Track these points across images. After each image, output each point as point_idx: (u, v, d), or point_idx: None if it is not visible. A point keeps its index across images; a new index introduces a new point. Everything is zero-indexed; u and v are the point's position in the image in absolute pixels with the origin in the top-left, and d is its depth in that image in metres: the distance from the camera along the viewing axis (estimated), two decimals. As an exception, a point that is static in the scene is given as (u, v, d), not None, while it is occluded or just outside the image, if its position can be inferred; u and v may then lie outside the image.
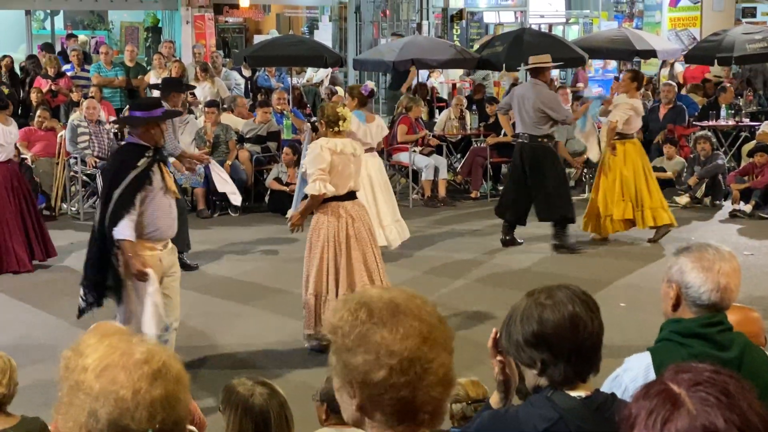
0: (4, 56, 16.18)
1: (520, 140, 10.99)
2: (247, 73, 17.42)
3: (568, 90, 16.54)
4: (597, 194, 11.35)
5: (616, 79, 17.05)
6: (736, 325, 3.38)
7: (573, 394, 2.63)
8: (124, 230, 6.44)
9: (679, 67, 18.41)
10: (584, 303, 2.65)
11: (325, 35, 21.39)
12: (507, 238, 11.17)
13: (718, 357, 3.09)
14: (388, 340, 1.93)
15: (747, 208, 12.80)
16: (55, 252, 10.57)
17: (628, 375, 3.18)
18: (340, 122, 7.49)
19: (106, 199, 6.54)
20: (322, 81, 18.82)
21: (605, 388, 3.14)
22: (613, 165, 11.25)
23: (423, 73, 17.32)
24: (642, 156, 11.42)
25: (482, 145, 14.83)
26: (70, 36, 18.49)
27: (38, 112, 13.69)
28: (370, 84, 12.02)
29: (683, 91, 16.65)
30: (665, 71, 17.92)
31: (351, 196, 7.57)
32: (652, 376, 3.09)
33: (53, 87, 15.09)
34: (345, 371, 1.96)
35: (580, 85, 18.29)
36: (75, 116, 13.18)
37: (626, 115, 11.10)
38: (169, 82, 10.94)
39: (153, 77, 15.72)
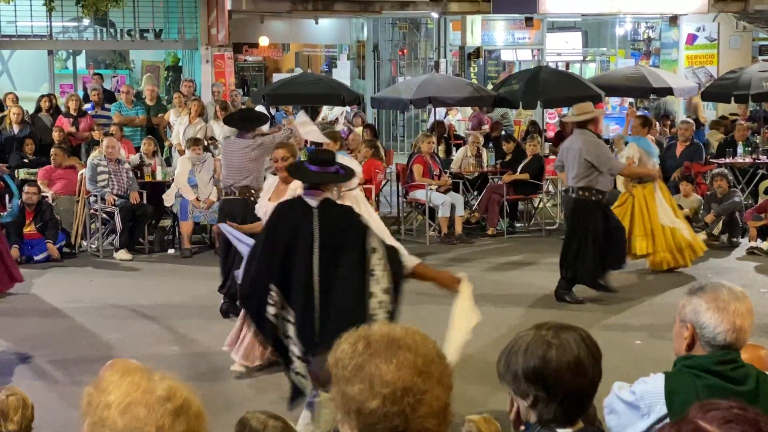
0: (47, 95, 16.49)
1: (567, 194, 10.46)
2: (272, 110, 17.58)
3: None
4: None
5: (631, 105, 17.19)
6: (746, 362, 3.40)
7: (560, 430, 2.64)
8: None
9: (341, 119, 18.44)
10: (589, 349, 2.61)
11: (343, 73, 21.58)
12: (562, 291, 10.41)
13: (733, 390, 3.10)
14: (382, 370, 1.98)
15: (764, 245, 12.78)
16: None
17: (641, 387, 3.23)
18: None
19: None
20: (336, 119, 18.97)
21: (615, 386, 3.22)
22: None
23: (440, 111, 17.46)
24: (654, 196, 11.54)
25: (499, 182, 14.88)
26: (95, 75, 18.76)
27: (52, 150, 13.86)
28: None
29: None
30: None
31: None
32: (662, 404, 3.13)
33: (72, 131, 15.23)
34: (343, 401, 2.02)
35: (485, 127, 18.41)
36: (94, 155, 13.34)
37: (636, 155, 11.33)
38: (250, 116, 10.85)
39: (173, 116, 15.90)
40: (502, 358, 2.69)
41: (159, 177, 13.78)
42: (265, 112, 11.80)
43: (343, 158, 10.71)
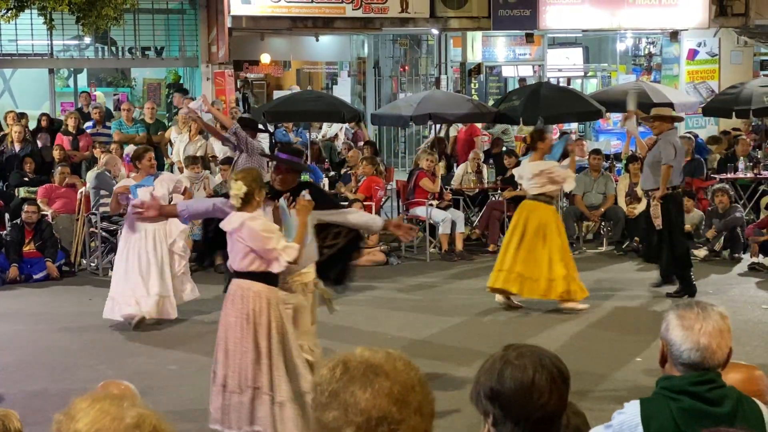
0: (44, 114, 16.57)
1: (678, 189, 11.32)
2: (270, 127, 17.58)
3: (584, 142, 16.59)
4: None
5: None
6: (738, 383, 3.37)
7: None
8: None
9: (454, 130, 18.41)
10: (549, 374, 2.57)
11: (344, 90, 21.59)
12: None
13: (709, 412, 3.10)
14: (357, 398, 1.95)
15: (766, 261, 12.72)
16: None
17: (618, 418, 3.22)
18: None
19: None
20: (336, 135, 18.97)
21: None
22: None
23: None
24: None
25: (499, 198, 14.85)
26: (82, 93, 18.77)
27: (59, 169, 13.87)
28: None
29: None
30: (442, 132, 17.99)
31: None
32: (640, 430, 3.13)
33: (69, 153, 15.24)
34: (318, 428, 1.98)
35: (361, 143, 18.30)
36: (95, 171, 13.30)
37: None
38: (248, 122, 11.19)
39: (174, 133, 15.89)
40: (475, 378, 2.68)
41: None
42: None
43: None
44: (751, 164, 15.75)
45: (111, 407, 1.94)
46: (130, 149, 10.94)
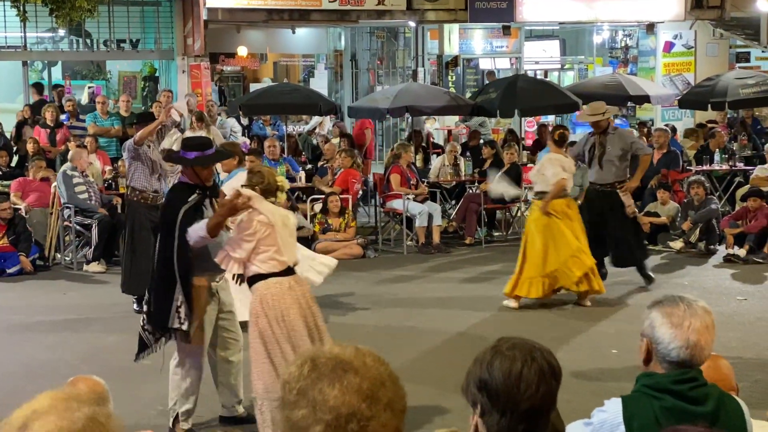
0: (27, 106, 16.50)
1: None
2: (244, 121, 17.51)
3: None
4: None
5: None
6: (705, 373, 3.35)
7: None
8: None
9: (329, 124, 18.42)
10: (539, 367, 2.58)
11: (320, 83, 21.53)
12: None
13: (692, 411, 3.07)
14: (326, 395, 1.91)
15: (741, 252, 12.79)
16: None
17: (599, 416, 3.20)
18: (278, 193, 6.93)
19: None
20: (315, 128, 18.92)
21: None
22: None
23: (418, 120, 17.46)
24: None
25: (476, 191, 14.85)
26: (55, 87, 18.61)
27: (34, 162, 13.75)
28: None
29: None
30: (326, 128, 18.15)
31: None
32: (621, 430, 3.09)
33: (47, 145, 15.11)
34: (287, 426, 1.95)
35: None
36: (67, 166, 13.18)
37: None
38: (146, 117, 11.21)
39: (150, 126, 15.75)
40: (468, 369, 2.68)
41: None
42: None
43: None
44: (727, 156, 15.82)
45: (63, 410, 1.90)
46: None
